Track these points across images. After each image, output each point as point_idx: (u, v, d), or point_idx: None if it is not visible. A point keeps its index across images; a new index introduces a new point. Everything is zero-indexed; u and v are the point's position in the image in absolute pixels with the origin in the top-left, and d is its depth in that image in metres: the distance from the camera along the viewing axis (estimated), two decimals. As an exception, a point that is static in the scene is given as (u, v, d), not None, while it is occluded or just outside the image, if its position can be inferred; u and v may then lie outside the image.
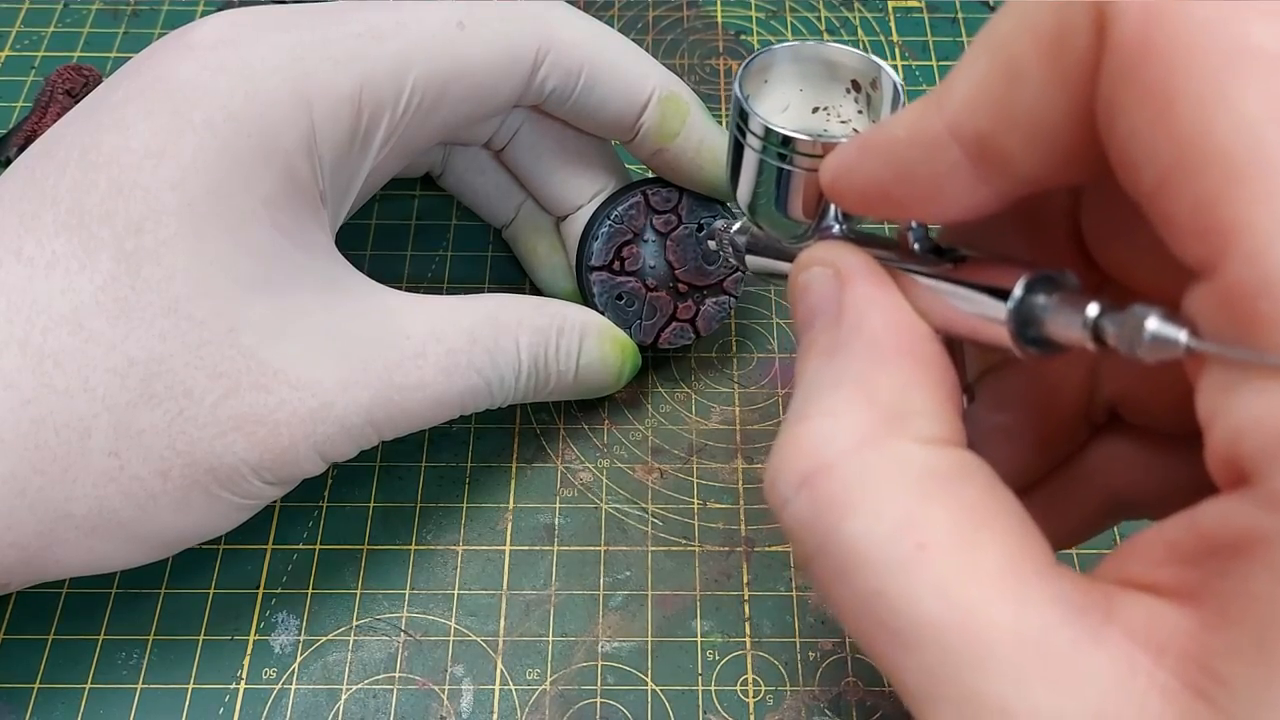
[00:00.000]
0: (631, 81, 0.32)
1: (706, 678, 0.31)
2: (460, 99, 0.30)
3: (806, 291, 0.21)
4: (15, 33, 0.46)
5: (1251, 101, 0.14)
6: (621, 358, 0.33)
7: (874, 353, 0.19)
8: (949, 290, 0.19)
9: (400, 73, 0.28)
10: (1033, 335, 0.18)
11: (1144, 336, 0.15)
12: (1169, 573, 0.16)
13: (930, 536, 0.17)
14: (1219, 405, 0.15)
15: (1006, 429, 0.23)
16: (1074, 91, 0.16)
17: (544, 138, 0.34)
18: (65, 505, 0.26)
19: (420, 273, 0.39)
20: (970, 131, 0.18)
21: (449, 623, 0.32)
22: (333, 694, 0.31)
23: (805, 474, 0.18)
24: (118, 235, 0.26)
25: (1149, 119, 0.15)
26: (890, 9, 0.47)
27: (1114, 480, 0.23)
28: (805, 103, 0.25)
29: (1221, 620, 0.15)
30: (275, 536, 0.33)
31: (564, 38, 0.31)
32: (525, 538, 0.34)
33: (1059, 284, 0.18)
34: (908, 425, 0.18)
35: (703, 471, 0.35)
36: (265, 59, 0.27)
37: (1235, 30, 0.14)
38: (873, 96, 0.25)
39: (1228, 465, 0.15)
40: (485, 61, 0.30)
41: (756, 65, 0.25)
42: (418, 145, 0.31)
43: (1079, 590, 0.16)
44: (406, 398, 0.29)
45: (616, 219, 0.34)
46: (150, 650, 0.31)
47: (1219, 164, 0.14)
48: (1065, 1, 0.16)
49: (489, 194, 0.37)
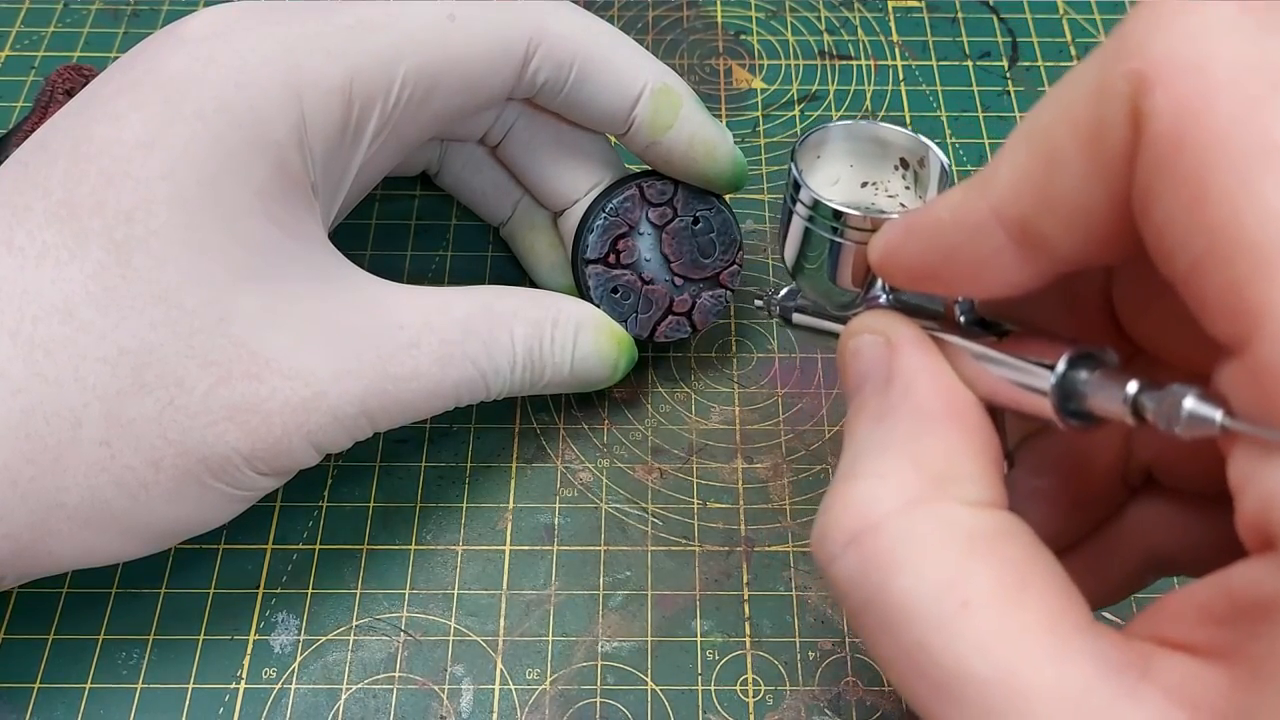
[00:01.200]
0: (624, 74, 0.32)
1: (706, 677, 0.31)
2: (452, 91, 0.30)
3: (857, 357, 0.22)
4: (15, 33, 0.46)
5: (1275, 194, 0.15)
6: (617, 351, 0.33)
7: (921, 418, 0.20)
8: (995, 361, 0.20)
9: (391, 64, 0.28)
10: (1073, 408, 0.20)
11: (1181, 414, 0.17)
12: (1203, 633, 0.17)
13: (974, 595, 0.18)
14: (1249, 474, 0.16)
15: (1045, 493, 0.24)
16: (1111, 181, 0.17)
17: (539, 132, 0.34)
18: (57, 495, 0.26)
19: (420, 272, 0.39)
20: (1013, 215, 0.19)
21: (449, 623, 0.32)
22: (332, 694, 0.31)
23: (854, 532, 0.19)
24: (108, 225, 0.26)
25: (1183, 208, 0.16)
26: (890, 9, 0.47)
27: (1151, 540, 0.24)
28: (855, 177, 0.26)
29: (1253, 680, 0.15)
30: (275, 536, 0.33)
31: (556, 30, 0.31)
32: (525, 538, 0.34)
33: (1100, 360, 0.20)
34: (953, 488, 0.19)
35: (703, 471, 0.35)
36: (256, 50, 0.27)
37: (1262, 127, 0.15)
38: (920, 174, 0.26)
39: (1257, 531, 0.16)
40: (476, 54, 0.30)
41: (811, 141, 0.26)
42: (411, 138, 0.31)
43: (1117, 649, 0.17)
44: (400, 388, 0.29)
45: (611, 212, 0.34)
46: (150, 650, 0.31)
47: (1247, 252, 0.15)
48: (1103, 95, 0.17)
49: (485, 192, 0.37)
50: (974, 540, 0.18)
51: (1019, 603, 0.18)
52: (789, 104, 0.44)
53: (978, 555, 0.18)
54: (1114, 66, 0.17)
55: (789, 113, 0.44)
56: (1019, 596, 0.18)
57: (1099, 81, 0.17)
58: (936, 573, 0.18)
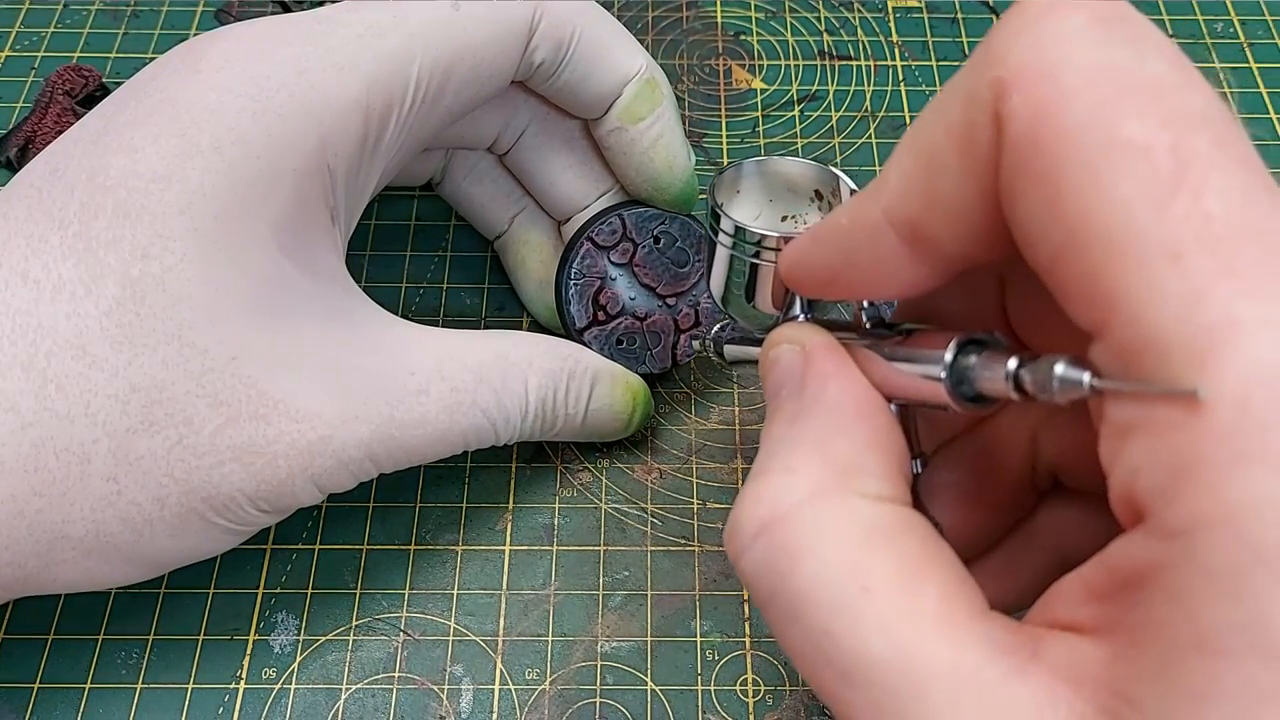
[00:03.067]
0: (617, 57, 0.32)
1: (706, 677, 0.31)
2: (464, 81, 0.30)
3: (775, 365, 0.23)
4: (15, 33, 0.46)
5: (1123, 186, 0.16)
6: (632, 405, 0.33)
7: (831, 419, 0.21)
8: (897, 358, 0.22)
9: (404, 66, 0.28)
10: (967, 392, 0.21)
11: (1054, 380, 0.18)
12: (1087, 611, 0.17)
13: (874, 582, 0.19)
14: (1116, 450, 0.17)
15: (960, 493, 0.25)
16: (982, 180, 0.18)
17: (551, 138, 0.34)
18: (63, 527, 0.26)
19: (419, 273, 0.39)
20: (902, 217, 0.20)
21: (448, 622, 0.32)
22: (332, 694, 0.31)
23: (763, 523, 0.20)
24: (124, 261, 0.25)
25: (1041, 203, 0.17)
26: (890, 9, 0.47)
27: (1060, 540, 0.24)
28: (775, 213, 0.28)
29: (1131, 649, 0.16)
30: (275, 536, 0.33)
31: (555, 8, 0.31)
32: (524, 538, 0.34)
33: (988, 345, 0.21)
34: (857, 483, 0.20)
35: (702, 471, 0.35)
36: (270, 77, 0.27)
37: (1108, 126, 0.16)
38: (834, 204, 0.27)
39: (1127, 504, 0.17)
40: (483, 39, 0.30)
41: (727, 178, 0.27)
42: (423, 139, 0.31)
43: (1009, 632, 0.18)
44: (407, 434, 0.28)
45: (577, 275, 0.34)
46: (150, 650, 0.31)
47: (1099, 242, 0.16)
48: (971, 101, 0.18)
49: (484, 204, 0.37)
50: (874, 531, 0.19)
51: (916, 589, 0.19)
52: (789, 104, 0.44)
53: (877, 545, 0.19)
54: (980, 74, 0.18)
55: (789, 113, 0.44)
56: (916, 584, 0.19)
57: (968, 89, 0.18)
58: (839, 560, 0.19)
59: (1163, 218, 0.16)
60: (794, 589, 0.19)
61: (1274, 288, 0.15)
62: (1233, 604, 0.15)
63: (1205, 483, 0.15)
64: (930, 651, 0.18)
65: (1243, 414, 0.15)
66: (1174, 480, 0.15)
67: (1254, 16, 0.47)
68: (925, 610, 0.18)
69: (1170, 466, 0.15)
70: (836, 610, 0.19)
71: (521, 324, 0.38)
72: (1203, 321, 0.15)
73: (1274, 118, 0.44)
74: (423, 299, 0.38)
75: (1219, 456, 0.15)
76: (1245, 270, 0.15)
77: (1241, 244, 0.15)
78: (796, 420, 0.21)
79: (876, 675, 0.18)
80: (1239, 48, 0.46)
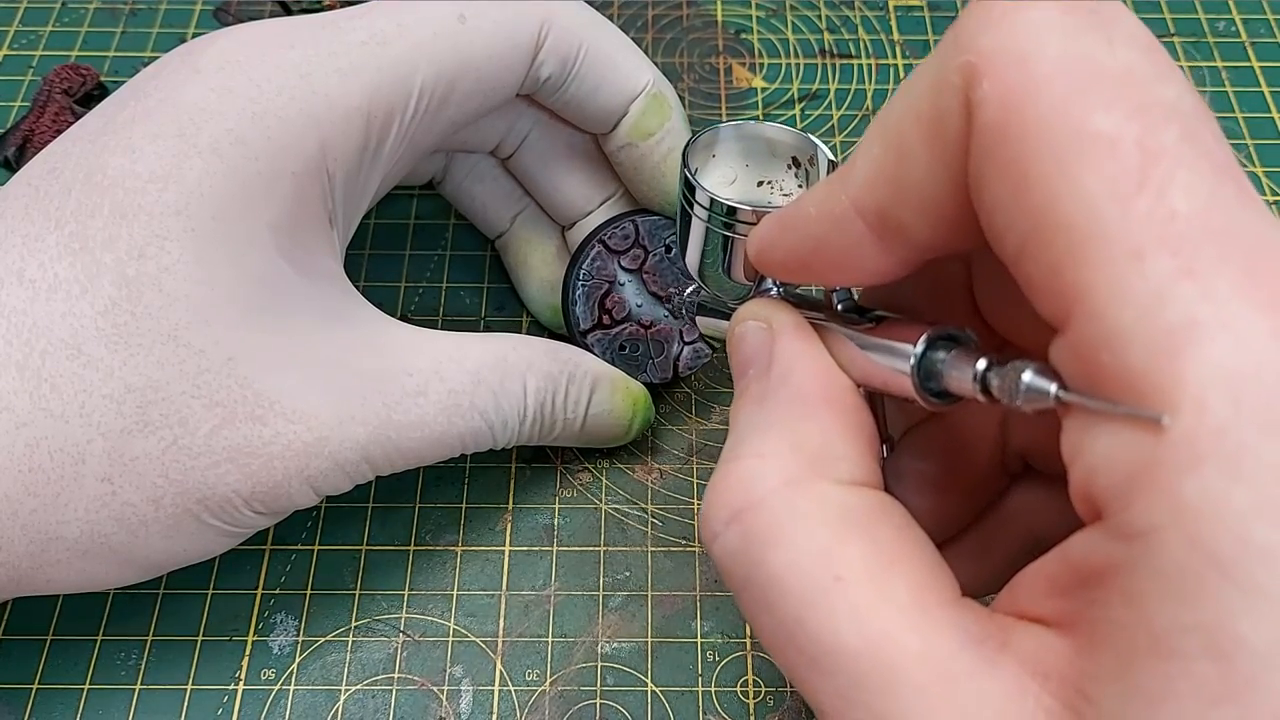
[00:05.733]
0: (625, 73, 0.32)
1: (706, 678, 0.31)
2: (467, 95, 0.30)
3: (742, 342, 0.23)
4: (13, 32, 0.46)
5: (1090, 179, 0.16)
6: (632, 411, 0.33)
7: (799, 401, 0.21)
8: (866, 345, 0.21)
9: (407, 77, 0.28)
10: (934, 387, 0.20)
11: (1020, 388, 0.18)
12: (1051, 604, 0.17)
13: (846, 570, 0.19)
14: (1077, 447, 0.17)
15: (929, 478, 0.25)
16: (952, 168, 0.18)
17: (554, 143, 0.34)
18: (57, 528, 0.26)
19: (419, 272, 0.39)
20: (870, 206, 0.19)
21: (448, 623, 0.32)
22: (331, 695, 0.31)
23: (735, 509, 0.20)
24: (120, 260, 0.25)
25: (1009, 192, 0.17)
26: (891, 8, 0.47)
27: (1032, 524, 0.24)
28: (751, 177, 0.27)
29: (1090, 646, 0.16)
30: (274, 537, 0.33)
31: (562, 23, 0.30)
32: (524, 538, 0.33)
33: (959, 341, 0.20)
34: (828, 468, 0.20)
35: (702, 471, 0.35)
36: (271, 79, 0.27)
37: (1078, 116, 0.16)
38: (811, 171, 0.26)
39: (1086, 501, 0.17)
40: (489, 53, 0.29)
41: (702, 141, 0.27)
42: (425, 147, 0.31)
43: (980, 622, 0.18)
44: (404, 436, 0.28)
45: (586, 276, 0.33)
46: (149, 651, 0.31)
47: (1064, 234, 0.16)
48: (940, 88, 0.18)
49: (486, 203, 0.37)
50: (847, 517, 0.19)
51: (888, 578, 0.18)
52: (789, 103, 0.44)
53: (850, 532, 0.19)
54: (950, 60, 0.18)
55: (789, 111, 0.44)
56: (888, 572, 0.19)
57: (937, 75, 0.18)
58: (811, 547, 0.19)
59: (1127, 214, 0.16)
60: (766, 577, 0.19)
61: (1233, 290, 0.15)
62: (1186, 607, 0.15)
63: (1161, 486, 0.15)
64: (901, 642, 0.18)
65: (1199, 418, 0.15)
66: (1130, 482, 0.15)
67: (1256, 15, 0.47)
68: (897, 599, 0.18)
69: (1127, 468, 0.15)
70: (808, 599, 0.19)
71: (521, 324, 0.38)
72: (1162, 323, 0.15)
73: (1275, 117, 0.43)
74: (422, 298, 0.38)
75: (1175, 460, 0.15)
76: (1206, 271, 0.15)
77: (1204, 244, 0.15)
78: (764, 401, 0.21)
79: (846, 664, 0.18)
80: (1240, 46, 0.46)
